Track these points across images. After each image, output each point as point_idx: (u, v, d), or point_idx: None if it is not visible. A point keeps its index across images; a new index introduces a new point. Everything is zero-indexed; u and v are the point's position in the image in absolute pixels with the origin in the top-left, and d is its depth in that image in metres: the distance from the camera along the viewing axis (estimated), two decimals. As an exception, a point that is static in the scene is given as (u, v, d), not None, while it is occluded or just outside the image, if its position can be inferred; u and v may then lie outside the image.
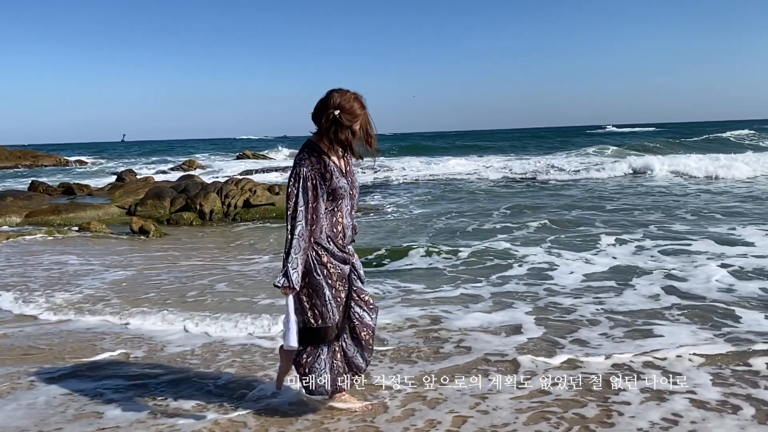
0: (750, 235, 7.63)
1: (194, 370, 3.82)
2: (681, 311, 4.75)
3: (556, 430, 2.90)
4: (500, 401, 3.22)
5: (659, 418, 2.98)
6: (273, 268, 6.90)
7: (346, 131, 2.74)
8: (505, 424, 2.97)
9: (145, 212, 11.47)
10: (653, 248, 7.15)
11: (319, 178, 2.74)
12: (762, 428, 2.86)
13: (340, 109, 2.71)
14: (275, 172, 23.82)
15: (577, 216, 10.05)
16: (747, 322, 4.42)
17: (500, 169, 21.60)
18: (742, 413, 3.01)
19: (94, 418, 3.17)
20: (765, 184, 14.73)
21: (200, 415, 3.12)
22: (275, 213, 11.29)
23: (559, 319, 4.62)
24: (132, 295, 5.77)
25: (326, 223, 2.81)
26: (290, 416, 3.08)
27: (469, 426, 2.96)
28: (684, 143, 32.24)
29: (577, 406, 3.15)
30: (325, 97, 2.75)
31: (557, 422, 2.97)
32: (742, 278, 5.62)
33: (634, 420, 2.97)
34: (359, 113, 2.76)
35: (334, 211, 2.83)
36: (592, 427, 2.91)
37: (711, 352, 3.83)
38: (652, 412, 3.05)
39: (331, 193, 2.79)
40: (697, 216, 9.59)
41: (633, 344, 4.03)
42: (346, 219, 2.87)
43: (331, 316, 2.83)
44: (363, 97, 2.80)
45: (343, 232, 2.87)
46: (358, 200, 3.02)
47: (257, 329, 4.56)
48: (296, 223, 2.70)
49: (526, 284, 5.74)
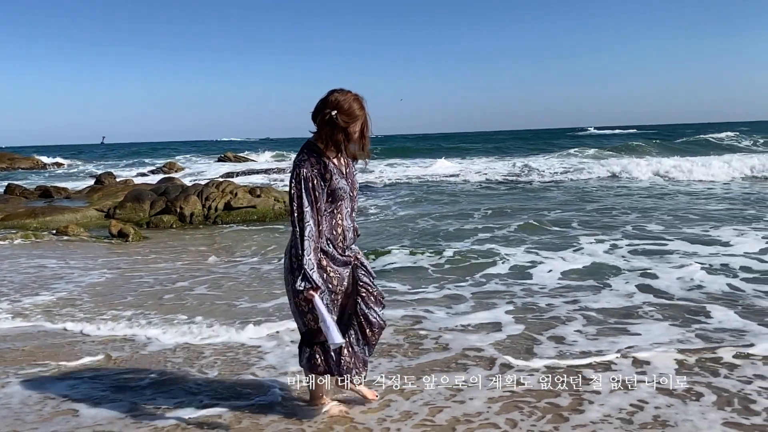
0: (723, 236, 7.87)
1: (173, 371, 3.88)
2: (654, 309, 4.93)
3: (529, 418, 3.06)
4: (475, 393, 3.36)
5: (627, 405, 3.17)
6: (255, 270, 6.97)
7: (340, 132, 2.73)
8: (478, 413, 3.11)
9: (124, 215, 11.42)
10: (629, 248, 7.36)
11: (319, 178, 2.73)
12: (721, 413, 3.06)
13: (337, 109, 2.70)
14: (257, 174, 23.77)
15: (556, 217, 10.25)
16: (717, 318, 4.61)
17: (482, 170, 21.81)
18: (704, 399, 3.21)
19: (71, 416, 3.22)
20: (742, 186, 15.08)
21: (180, 416, 3.17)
22: (256, 215, 11.31)
23: (537, 318, 4.77)
24: (109, 298, 5.79)
25: (326, 226, 2.80)
26: (267, 413, 3.15)
27: (444, 415, 3.09)
28: (664, 145, 32.83)
29: (550, 396, 3.31)
30: (325, 96, 2.75)
31: (530, 411, 3.13)
32: (714, 277, 5.82)
33: (603, 407, 3.15)
34: (358, 114, 2.74)
35: (333, 213, 2.82)
36: (564, 414, 3.08)
37: (680, 346, 4.01)
38: (620, 399, 3.24)
39: (331, 194, 2.78)
40: (673, 217, 9.85)
41: (606, 341, 4.18)
42: (346, 221, 2.86)
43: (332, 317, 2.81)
44: (364, 99, 2.78)
45: (344, 235, 2.85)
46: None
47: (235, 331, 4.60)
48: (305, 224, 2.69)
49: (506, 284, 5.89)
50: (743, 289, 5.40)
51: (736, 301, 5.05)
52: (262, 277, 6.58)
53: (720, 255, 6.75)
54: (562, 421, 3.03)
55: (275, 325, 4.68)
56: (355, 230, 2.96)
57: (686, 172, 17.50)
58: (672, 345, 4.05)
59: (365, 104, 2.78)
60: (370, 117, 2.82)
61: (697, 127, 75.49)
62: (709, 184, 15.80)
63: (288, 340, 4.37)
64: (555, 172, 20.36)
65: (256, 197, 11.80)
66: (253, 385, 3.60)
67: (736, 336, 4.21)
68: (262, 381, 3.66)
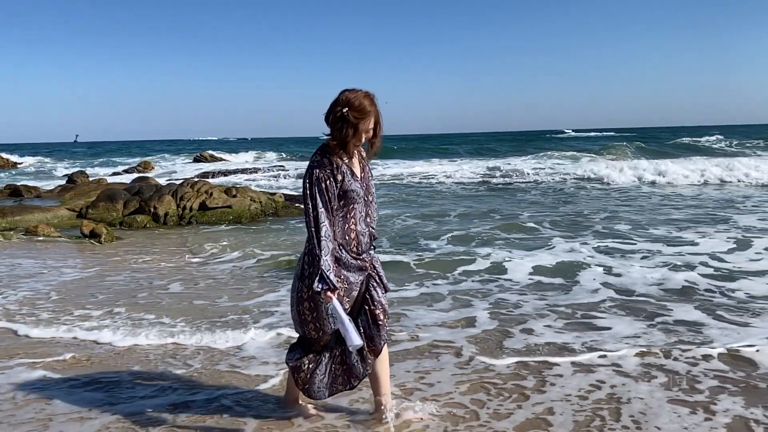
0: (689, 236, 8.23)
1: (146, 370, 3.92)
2: (617, 304, 5.23)
3: (496, 398, 3.35)
4: (444, 376, 3.64)
5: (586, 385, 3.51)
6: (231, 269, 7.05)
7: (350, 128, 2.73)
8: (447, 393, 3.41)
9: (97, 215, 11.34)
10: (598, 247, 7.68)
11: (331, 179, 2.73)
12: (669, 392, 3.40)
13: (348, 106, 2.71)
14: (233, 174, 23.68)
15: (531, 217, 10.56)
16: (676, 313, 4.91)
17: (460, 171, 22.02)
18: (655, 381, 3.55)
19: (44, 404, 3.36)
20: (714, 189, 15.51)
21: (158, 417, 3.21)
22: (232, 216, 11.33)
23: (509, 313, 5.01)
24: (78, 298, 5.79)
25: (339, 231, 2.77)
26: (238, 415, 3.22)
27: (413, 397, 3.35)
28: (642, 148, 33.49)
29: (516, 378, 3.61)
30: (337, 96, 2.77)
31: (497, 392, 3.43)
32: (676, 275, 6.13)
33: (564, 388, 3.47)
34: (368, 110, 2.74)
35: (346, 217, 2.80)
36: (527, 393, 3.40)
37: (642, 339, 4.30)
38: (580, 381, 3.57)
39: (342, 196, 2.76)
40: (642, 217, 10.24)
41: (572, 335, 4.44)
42: (360, 225, 2.84)
43: (332, 328, 2.81)
44: (374, 96, 2.78)
45: (357, 239, 2.82)
46: None
47: (209, 332, 4.64)
48: (320, 225, 2.68)
49: (481, 281, 6.13)
50: (700, 285, 5.74)
51: (692, 297, 5.37)
52: (239, 276, 6.69)
53: (684, 254, 7.09)
54: (524, 399, 3.32)
55: (253, 324, 4.81)
56: (372, 235, 2.92)
57: (658, 174, 17.85)
58: (634, 337, 4.33)
59: (376, 101, 2.79)
60: (381, 114, 2.82)
61: (674, 130, 77.12)
62: (681, 186, 16.22)
63: (265, 340, 4.45)
64: (532, 173, 20.67)
65: (232, 197, 11.81)
66: (227, 383, 3.68)
67: (691, 327, 4.53)
68: (235, 378, 3.76)
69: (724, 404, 3.23)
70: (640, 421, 3.05)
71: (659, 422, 3.03)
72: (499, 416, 3.13)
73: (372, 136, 2.83)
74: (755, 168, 17.47)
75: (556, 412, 3.15)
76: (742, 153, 29.92)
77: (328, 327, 2.79)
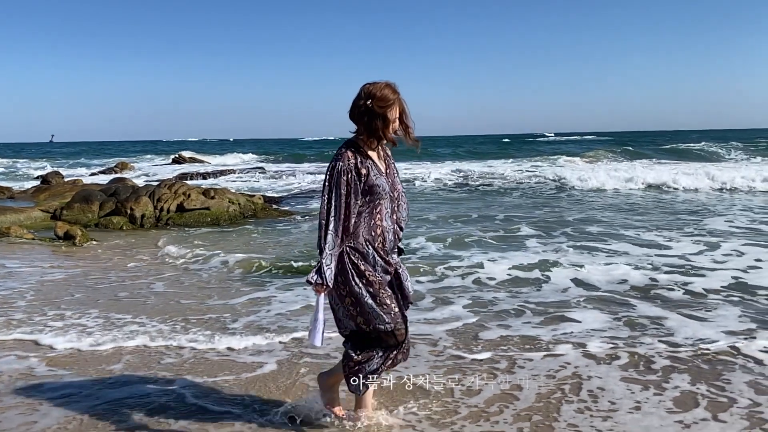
0: (655, 238, 8.63)
1: (121, 372, 3.96)
2: (587, 299, 5.57)
3: (470, 377, 3.71)
4: (420, 363, 3.98)
5: (555, 366, 3.92)
6: (209, 271, 7.06)
7: (377, 119, 2.74)
8: (423, 374, 3.74)
9: (72, 216, 11.25)
10: (570, 247, 8.03)
11: (354, 173, 2.74)
12: (625, 373, 3.81)
13: (371, 98, 2.73)
14: (212, 176, 23.53)
15: (508, 219, 10.88)
16: (640, 308, 5.28)
17: (438, 174, 22.14)
18: (616, 362, 3.99)
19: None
20: (689, 193, 15.84)
21: (138, 422, 3.24)
22: (210, 218, 11.31)
23: (487, 309, 5.31)
24: (44, 304, 5.71)
25: (364, 226, 2.78)
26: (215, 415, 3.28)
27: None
28: (621, 152, 34.05)
29: (490, 362, 3.99)
30: (358, 91, 2.79)
31: (472, 373, 3.79)
32: (643, 273, 6.46)
33: (532, 370, 3.87)
34: (392, 98, 2.75)
35: (372, 213, 2.80)
36: (499, 375, 3.77)
37: (608, 331, 4.66)
38: (549, 363, 3.97)
39: (368, 191, 2.77)
40: (613, 219, 10.68)
41: (547, 328, 4.77)
42: (386, 222, 2.83)
43: (381, 320, 2.77)
44: (395, 85, 2.79)
45: (383, 236, 2.82)
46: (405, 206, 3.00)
47: (183, 334, 4.69)
48: (329, 218, 2.70)
49: (461, 279, 6.39)
50: (661, 282, 6.10)
51: (650, 292, 5.75)
52: (216, 279, 6.76)
53: (652, 256, 7.44)
54: (493, 378, 3.69)
55: (230, 326, 4.91)
56: (396, 233, 2.91)
57: (632, 177, 18.04)
58: (602, 331, 4.68)
59: (398, 89, 2.80)
60: (405, 102, 2.83)
61: (653, 135, 78.37)
62: (655, 190, 16.53)
63: (249, 344, 4.48)
64: (511, 176, 20.88)
65: (210, 199, 11.79)
66: (202, 382, 3.74)
67: (653, 320, 4.92)
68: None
69: (675, 382, 3.64)
70: (597, 395, 3.46)
71: (613, 397, 3.45)
72: (470, 393, 3.49)
73: (401, 126, 2.85)
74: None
75: (523, 388, 3.55)
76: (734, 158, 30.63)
77: (377, 320, 2.77)
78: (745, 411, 3.25)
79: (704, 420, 3.15)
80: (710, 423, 3.12)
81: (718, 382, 3.62)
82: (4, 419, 3.27)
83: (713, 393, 3.47)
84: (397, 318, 2.81)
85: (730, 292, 5.63)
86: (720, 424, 3.11)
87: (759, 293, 5.58)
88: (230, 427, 3.14)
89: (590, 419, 3.16)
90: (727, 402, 3.36)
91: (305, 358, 4.11)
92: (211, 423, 3.18)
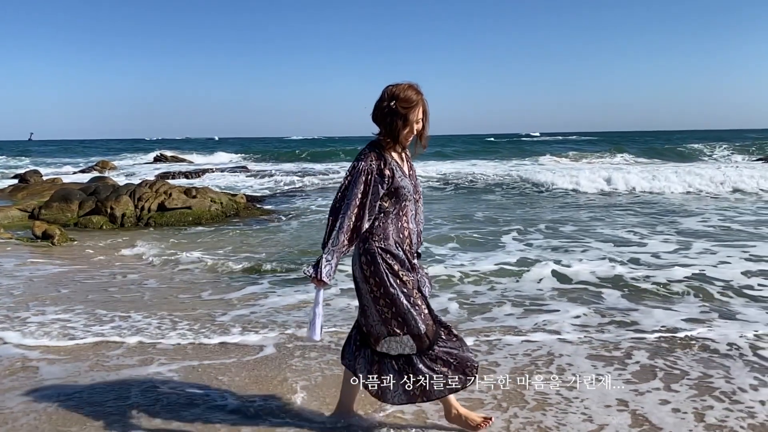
0: (631, 236, 8.98)
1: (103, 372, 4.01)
2: (563, 292, 5.93)
3: None
4: None
5: (533, 349, 4.33)
6: (187, 272, 7.08)
7: (400, 121, 2.77)
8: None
9: (50, 216, 11.22)
10: (548, 245, 8.36)
11: (377, 174, 2.76)
12: (592, 351, 4.25)
13: (394, 99, 2.76)
14: (195, 175, 23.43)
15: (489, 217, 11.21)
16: (611, 300, 5.66)
17: (421, 171, 22.27)
18: (587, 345, 4.41)
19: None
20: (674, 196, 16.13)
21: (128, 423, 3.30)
22: (191, 217, 11.32)
23: (471, 303, 5.61)
24: (19, 305, 5.71)
25: (392, 228, 2.82)
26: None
27: None
28: (606, 150, 34.47)
29: (472, 347, 4.21)
30: (381, 93, 2.82)
31: None
32: (615, 268, 6.78)
33: (510, 352, 4.27)
34: (415, 99, 2.78)
35: (398, 215, 2.85)
36: (480, 356, 4.13)
37: (582, 319, 5.06)
38: (527, 347, 4.37)
39: (394, 193, 2.81)
40: (590, 218, 11.04)
41: (526, 318, 5.11)
42: (411, 224, 2.90)
43: (416, 324, 2.77)
44: (418, 85, 2.82)
45: (410, 238, 2.88)
46: None
47: (161, 336, 4.73)
48: (340, 215, 2.72)
49: (446, 274, 6.64)
50: (629, 276, 6.43)
51: (620, 284, 6.11)
52: (196, 277, 6.83)
53: (625, 252, 7.80)
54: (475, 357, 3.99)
55: (211, 325, 5.00)
56: (419, 235, 2.97)
57: (610, 178, 18.19)
58: (576, 318, 5.09)
59: (421, 90, 2.83)
60: (427, 103, 2.85)
61: (639, 135, 79.33)
62: (636, 191, 16.77)
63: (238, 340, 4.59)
64: (493, 175, 21.07)
65: (192, 198, 11.81)
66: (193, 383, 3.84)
67: (622, 310, 5.29)
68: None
69: (635, 359, 4.10)
70: (565, 368, 3.94)
71: (579, 371, 3.89)
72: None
73: (422, 128, 2.89)
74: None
75: (500, 365, 4.00)
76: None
77: (412, 323, 2.77)
78: (695, 382, 3.70)
79: (657, 389, 3.60)
80: (662, 392, 3.56)
81: (674, 359, 4.07)
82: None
83: (668, 367, 3.93)
84: (428, 319, 2.83)
85: (691, 282, 6.05)
86: (672, 394, 3.54)
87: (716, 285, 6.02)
88: (224, 424, 3.21)
89: (557, 388, 3.61)
90: (680, 374, 3.82)
91: (297, 352, 4.28)
92: (200, 421, 3.24)
